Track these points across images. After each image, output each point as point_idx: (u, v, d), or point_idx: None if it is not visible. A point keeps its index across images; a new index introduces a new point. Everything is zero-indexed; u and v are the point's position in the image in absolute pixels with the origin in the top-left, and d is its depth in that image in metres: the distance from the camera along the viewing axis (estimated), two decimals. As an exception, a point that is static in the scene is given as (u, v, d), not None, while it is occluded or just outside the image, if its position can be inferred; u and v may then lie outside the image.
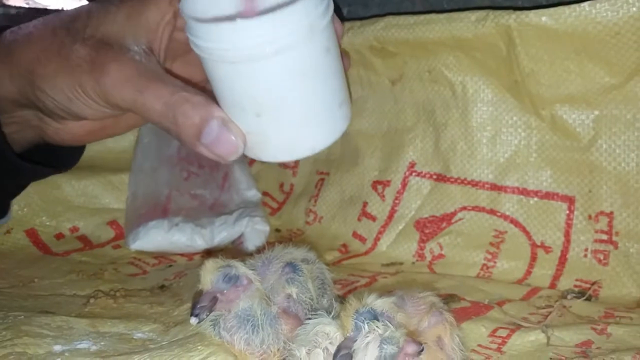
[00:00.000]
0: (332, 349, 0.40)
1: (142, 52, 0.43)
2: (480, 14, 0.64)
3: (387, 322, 0.40)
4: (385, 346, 0.39)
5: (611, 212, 0.63)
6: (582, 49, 0.60)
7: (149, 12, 0.43)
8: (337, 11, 0.41)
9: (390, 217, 0.77)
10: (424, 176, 0.75)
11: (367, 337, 0.39)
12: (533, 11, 0.60)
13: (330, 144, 0.43)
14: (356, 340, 0.39)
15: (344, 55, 0.45)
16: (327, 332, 0.41)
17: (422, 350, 0.39)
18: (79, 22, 0.44)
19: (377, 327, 0.39)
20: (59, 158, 0.57)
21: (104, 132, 0.51)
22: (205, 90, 0.44)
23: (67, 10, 0.47)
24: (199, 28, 0.37)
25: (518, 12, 0.61)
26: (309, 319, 0.44)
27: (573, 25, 0.59)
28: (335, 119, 0.42)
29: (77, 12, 0.45)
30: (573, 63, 0.61)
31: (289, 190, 0.90)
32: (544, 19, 0.60)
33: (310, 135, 0.42)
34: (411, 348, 0.39)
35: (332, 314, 0.44)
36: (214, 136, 0.40)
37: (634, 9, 0.57)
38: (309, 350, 0.41)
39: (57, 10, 0.89)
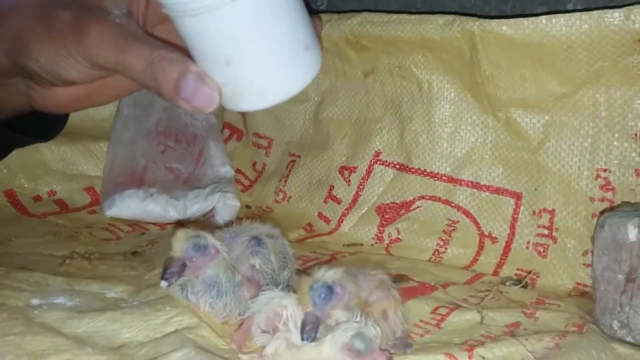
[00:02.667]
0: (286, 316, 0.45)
1: (122, 16, 0.46)
2: (448, 18, 0.69)
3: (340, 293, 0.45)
4: (356, 341, 0.43)
5: (553, 210, 0.68)
6: (537, 59, 0.65)
7: None
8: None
9: (354, 201, 0.82)
10: (387, 165, 0.81)
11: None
12: (495, 20, 0.65)
13: (301, 88, 0.44)
14: (318, 314, 0.44)
15: (315, 17, 0.47)
16: (284, 305, 0.46)
17: None
18: None
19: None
20: (44, 127, 0.60)
21: (89, 100, 0.53)
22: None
23: None
24: None
25: (482, 20, 0.66)
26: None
27: (530, 36, 0.64)
28: (302, 63, 0.43)
29: None
30: (528, 71, 0.67)
31: (261, 169, 0.94)
32: (504, 28, 0.65)
33: (280, 80, 0.43)
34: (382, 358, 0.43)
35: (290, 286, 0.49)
36: (191, 90, 0.42)
37: (586, 25, 0.62)
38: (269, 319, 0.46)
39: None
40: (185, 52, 0.44)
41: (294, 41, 0.43)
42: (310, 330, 0.43)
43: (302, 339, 0.43)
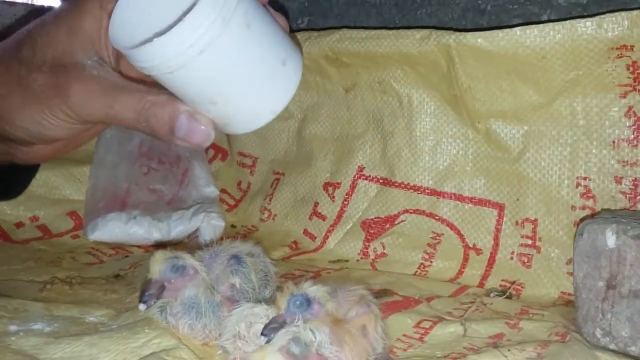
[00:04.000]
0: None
1: (96, 65, 0.45)
2: (424, 32, 0.69)
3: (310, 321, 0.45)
4: (292, 345, 0.43)
5: (535, 219, 0.68)
6: (512, 70, 0.66)
7: (86, 23, 0.45)
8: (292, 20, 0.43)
9: (339, 217, 0.82)
10: (371, 180, 0.81)
11: (290, 326, 0.43)
12: (470, 33, 0.66)
13: (288, 101, 0.45)
14: (286, 319, 0.44)
15: (277, 15, 0.47)
16: (256, 313, 0.46)
17: None
18: (26, 50, 0.45)
19: (298, 324, 0.44)
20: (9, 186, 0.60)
21: (70, 146, 0.52)
22: None
23: (5, 41, 0.47)
24: (128, 55, 0.41)
25: (457, 33, 0.67)
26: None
27: (505, 47, 0.64)
28: (283, 77, 0.45)
29: (19, 39, 0.46)
30: (505, 82, 0.67)
31: (246, 188, 0.94)
32: (479, 40, 0.65)
33: (266, 101, 0.45)
34: None
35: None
36: (185, 129, 0.43)
37: (559, 35, 0.62)
38: (244, 329, 0.46)
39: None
40: None
41: (270, 62, 0.44)
42: (271, 329, 0.44)
43: (261, 334, 0.44)
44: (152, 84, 0.45)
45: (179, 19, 0.39)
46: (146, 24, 0.42)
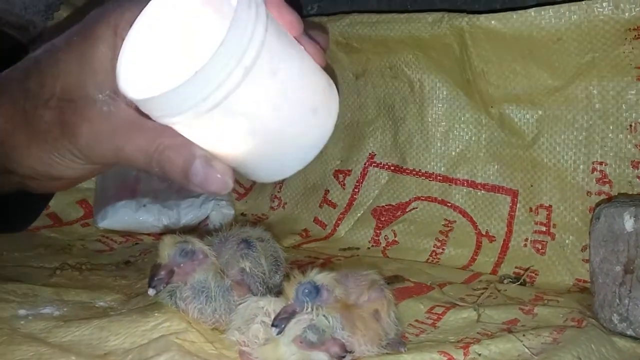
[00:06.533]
0: (269, 321, 0.44)
1: (107, 99, 0.40)
2: (436, 15, 0.68)
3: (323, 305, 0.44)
4: (308, 333, 0.42)
5: (550, 206, 0.67)
6: (527, 52, 0.64)
7: (99, 53, 0.40)
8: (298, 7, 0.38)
9: (350, 204, 0.81)
10: (382, 167, 0.80)
11: (301, 315, 0.43)
12: (484, 15, 0.64)
13: (319, 150, 0.40)
14: (295, 309, 0.43)
15: (317, 34, 0.42)
16: (261, 306, 0.45)
17: (344, 357, 0.43)
18: (33, 81, 0.41)
19: (312, 310, 0.43)
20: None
21: (85, 177, 0.48)
22: None
23: (13, 68, 0.43)
24: (141, 105, 0.36)
25: (470, 16, 0.65)
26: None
27: (519, 29, 0.63)
28: (313, 128, 0.39)
29: (27, 69, 0.42)
30: (519, 65, 0.66)
31: (256, 176, 0.94)
32: (493, 22, 0.64)
33: (292, 154, 0.39)
34: (334, 349, 0.43)
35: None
36: (201, 176, 0.39)
37: (575, 16, 0.61)
38: (247, 324, 0.45)
39: None
40: None
41: (298, 112, 0.38)
42: (281, 320, 0.43)
43: (272, 325, 0.43)
44: None
45: (194, 71, 0.34)
46: (158, 67, 0.38)
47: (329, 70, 0.42)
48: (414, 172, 0.76)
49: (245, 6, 0.34)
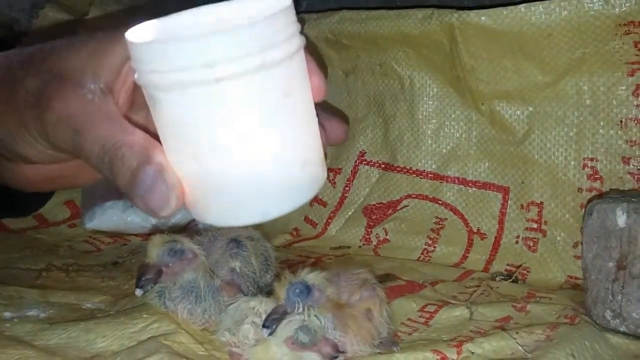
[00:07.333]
0: (260, 322, 0.43)
1: (97, 92, 0.37)
2: (426, 12, 0.68)
3: (314, 305, 0.44)
4: (300, 333, 0.42)
5: (541, 203, 0.67)
6: (517, 48, 0.64)
7: (115, 51, 0.38)
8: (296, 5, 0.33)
9: (340, 203, 0.80)
10: (372, 165, 0.79)
11: (292, 316, 0.42)
12: (474, 11, 0.64)
13: (288, 211, 0.34)
14: (287, 309, 0.43)
15: (328, 117, 0.39)
16: (252, 306, 0.45)
17: (336, 357, 0.43)
18: (38, 56, 0.39)
19: (304, 310, 0.43)
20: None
21: (63, 182, 0.45)
22: None
23: (33, 46, 0.41)
24: (134, 50, 0.33)
25: (460, 12, 0.65)
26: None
27: (509, 25, 0.63)
28: (295, 181, 0.34)
29: (41, 46, 0.40)
30: (510, 61, 0.65)
31: (246, 176, 0.93)
32: (483, 18, 0.64)
33: (261, 197, 0.33)
34: (326, 349, 0.43)
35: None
36: (147, 185, 0.34)
37: (565, 12, 0.61)
38: (237, 325, 0.44)
39: None
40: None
41: (290, 154, 0.33)
42: (273, 320, 0.42)
43: (263, 326, 0.42)
44: (155, 136, 0.35)
45: (208, 31, 0.30)
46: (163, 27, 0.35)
47: (323, 71, 0.39)
48: (405, 170, 0.76)
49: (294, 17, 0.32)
